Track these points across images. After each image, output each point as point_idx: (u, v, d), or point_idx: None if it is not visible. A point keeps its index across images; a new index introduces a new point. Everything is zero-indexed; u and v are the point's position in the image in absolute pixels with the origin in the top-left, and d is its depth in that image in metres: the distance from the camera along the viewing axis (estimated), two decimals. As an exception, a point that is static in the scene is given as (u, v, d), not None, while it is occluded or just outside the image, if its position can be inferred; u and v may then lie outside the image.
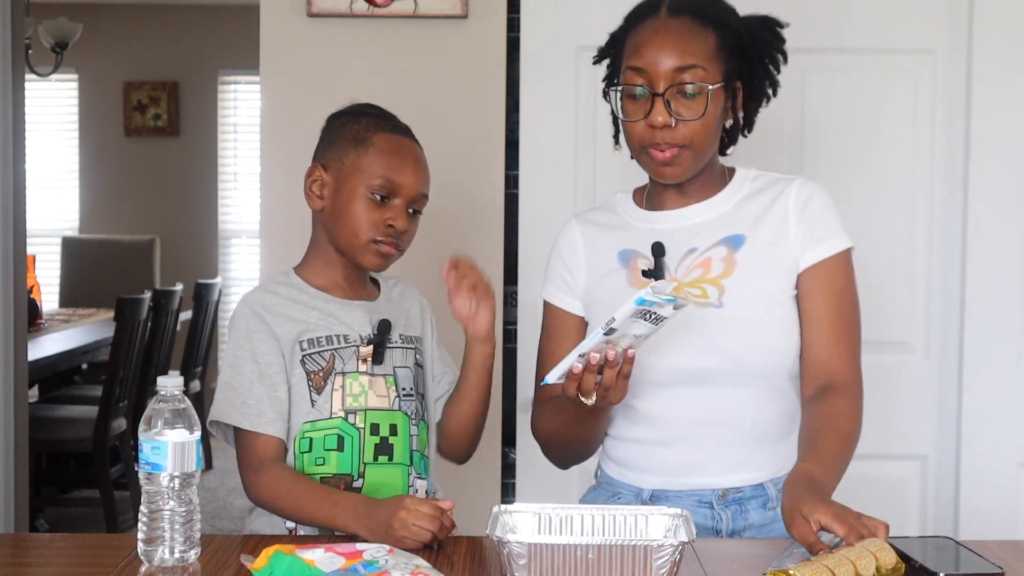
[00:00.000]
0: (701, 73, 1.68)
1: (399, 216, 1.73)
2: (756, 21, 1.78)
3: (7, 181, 2.78)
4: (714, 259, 1.73)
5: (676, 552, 1.35)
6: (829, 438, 1.66)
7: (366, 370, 1.73)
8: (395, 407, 1.74)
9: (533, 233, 2.57)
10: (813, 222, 1.74)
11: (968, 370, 2.57)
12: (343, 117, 1.81)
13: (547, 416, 1.79)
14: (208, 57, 7.22)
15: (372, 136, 1.75)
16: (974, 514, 2.56)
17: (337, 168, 1.76)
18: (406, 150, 1.77)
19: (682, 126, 1.68)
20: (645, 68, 1.69)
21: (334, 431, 1.70)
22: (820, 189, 1.78)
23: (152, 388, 4.64)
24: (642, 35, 1.72)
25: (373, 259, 1.75)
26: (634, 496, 1.77)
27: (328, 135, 1.81)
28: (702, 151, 1.72)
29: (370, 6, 2.56)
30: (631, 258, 1.78)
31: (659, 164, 1.71)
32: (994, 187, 2.55)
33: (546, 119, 2.59)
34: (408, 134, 1.80)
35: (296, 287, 1.78)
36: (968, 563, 1.46)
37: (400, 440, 1.73)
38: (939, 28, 2.57)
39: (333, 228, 1.76)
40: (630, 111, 1.72)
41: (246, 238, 7.29)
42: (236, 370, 1.71)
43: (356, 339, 1.74)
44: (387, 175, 1.73)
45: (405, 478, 1.74)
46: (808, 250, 1.73)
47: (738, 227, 1.76)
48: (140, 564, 1.46)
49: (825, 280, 1.73)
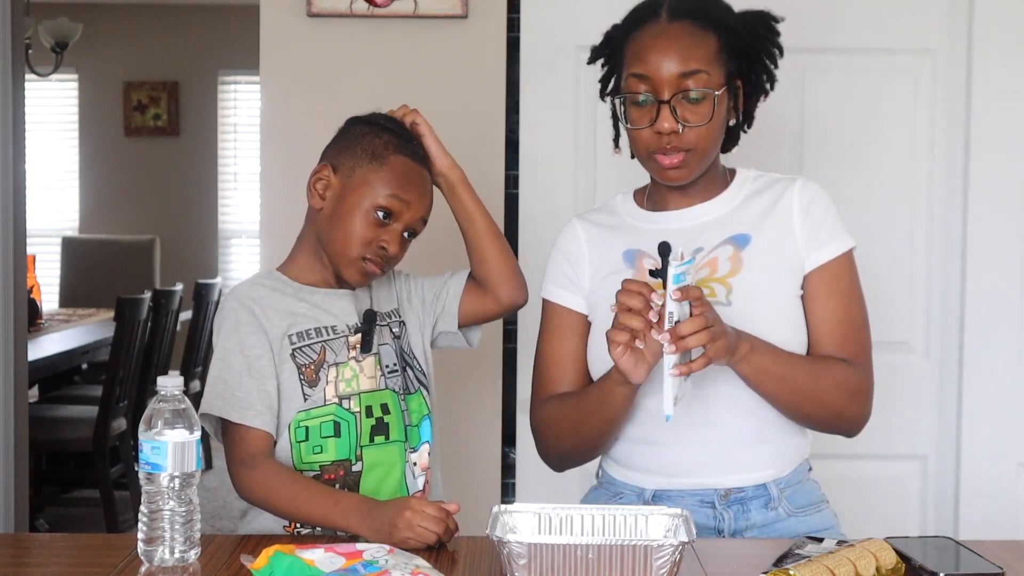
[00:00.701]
0: (705, 78, 1.68)
1: (394, 241, 1.74)
2: (752, 17, 1.78)
3: (7, 181, 2.78)
4: (720, 258, 1.74)
5: (676, 552, 1.35)
6: (805, 359, 1.71)
7: (355, 356, 1.74)
8: (382, 386, 1.75)
9: (533, 233, 2.57)
10: (818, 224, 1.75)
11: (968, 370, 2.57)
12: (365, 126, 1.79)
13: (562, 407, 1.78)
14: (208, 57, 7.22)
15: (391, 156, 1.75)
16: (974, 514, 2.56)
17: (347, 175, 1.75)
18: (418, 177, 1.77)
19: (689, 131, 1.69)
20: (649, 75, 1.69)
21: (329, 418, 1.70)
22: (821, 190, 1.79)
23: (152, 388, 4.64)
24: (643, 41, 1.71)
25: (356, 275, 1.75)
26: (636, 496, 1.77)
27: (345, 139, 1.79)
28: (708, 153, 1.73)
29: (370, 6, 2.56)
30: (636, 258, 1.78)
31: (666, 169, 1.72)
32: (994, 187, 2.56)
33: (546, 119, 2.59)
34: (424, 162, 1.81)
35: (281, 281, 1.78)
36: (968, 563, 1.46)
37: (394, 417, 1.74)
38: (939, 28, 2.57)
39: (327, 233, 1.75)
40: (635, 118, 1.72)
41: (246, 238, 7.29)
42: (225, 363, 1.71)
43: (344, 329, 1.75)
44: (394, 196, 1.73)
45: (402, 454, 1.74)
46: (813, 252, 1.75)
47: (743, 226, 1.76)
48: (140, 564, 1.46)
49: (831, 281, 1.75)
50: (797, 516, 1.75)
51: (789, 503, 1.75)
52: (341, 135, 1.81)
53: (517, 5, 2.59)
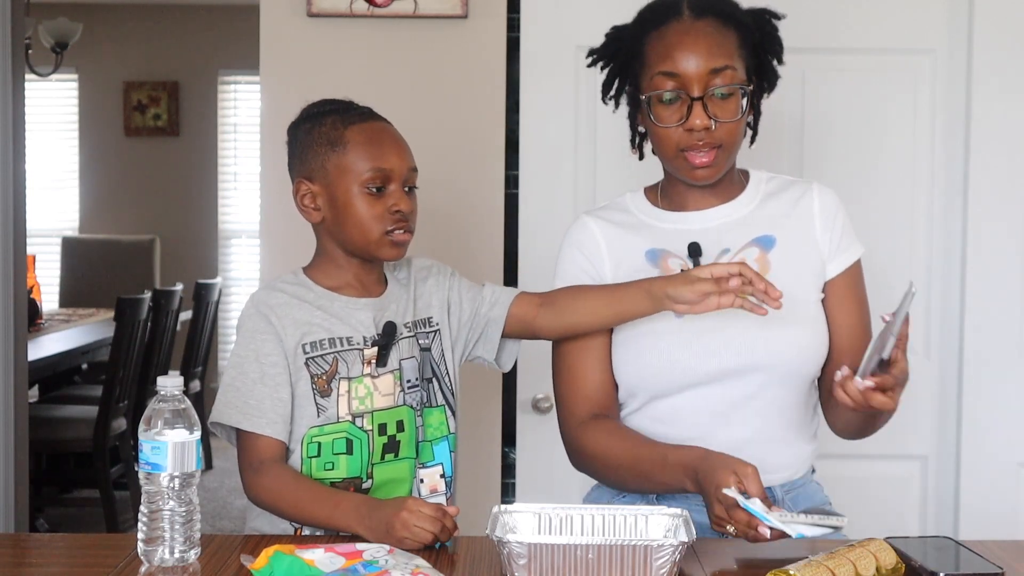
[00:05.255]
0: (731, 73, 1.69)
1: (400, 199, 1.72)
2: (757, 13, 1.79)
3: (7, 181, 2.78)
4: (748, 260, 1.74)
5: (676, 552, 1.35)
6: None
7: (370, 372, 1.72)
8: (399, 402, 1.73)
9: (533, 233, 2.57)
10: (838, 231, 1.78)
11: (968, 370, 2.57)
12: (306, 123, 1.77)
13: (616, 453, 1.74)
14: (208, 57, 7.22)
15: (343, 133, 1.72)
16: (974, 514, 2.56)
17: (322, 176, 1.73)
18: (382, 134, 1.74)
19: (720, 128, 1.69)
20: (678, 72, 1.69)
21: (342, 435, 1.69)
22: (837, 197, 1.82)
23: (152, 388, 4.64)
24: (669, 39, 1.71)
25: (391, 251, 1.73)
26: (639, 495, 1.77)
27: (297, 146, 1.77)
28: (734, 150, 1.74)
29: (370, 6, 2.56)
30: (660, 257, 1.78)
31: (696, 167, 1.71)
32: (994, 187, 2.55)
33: (546, 119, 2.59)
34: (375, 116, 1.77)
35: (304, 286, 1.76)
36: (968, 563, 1.46)
37: (407, 435, 1.73)
38: (939, 28, 2.57)
39: (341, 234, 1.74)
40: (664, 116, 1.71)
41: (246, 238, 7.29)
42: (239, 370, 1.70)
43: (360, 342, 1.72)
44: (374, 165, 1.71)
45: (411, 470, 1.74)
46: (835, 258, 1.78)
47: (765, 228, 1.78)
48: (140, 564, 1.46)
49: (850, 288, 1.79)
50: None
51: (793, 505, 1.75)
52: (292, 145, 1.79)
53: (517, 5, 2.59)
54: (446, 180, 2.54)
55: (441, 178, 2.48)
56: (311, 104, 1.80)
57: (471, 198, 2.60)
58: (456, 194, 2.57)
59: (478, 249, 2.59)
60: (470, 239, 2.59)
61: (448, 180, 2.55)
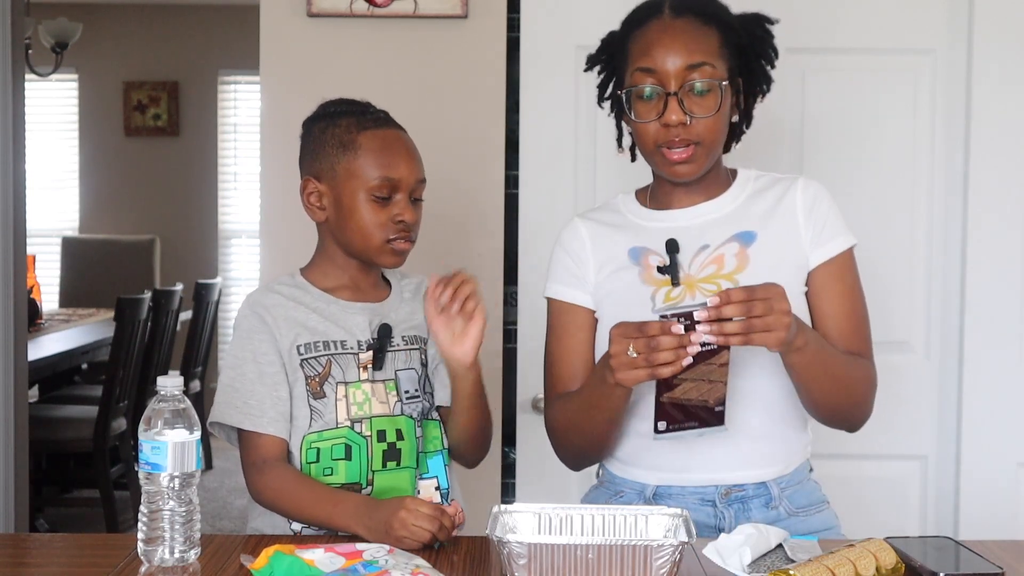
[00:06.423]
0: (710, 70, 1.70)
1: (404, 210, 1.73)
2: (748, 18, 1.80)
3: (7, 181, 2.78)
4: (727, 255, 1.75)
5: (676, 552, 1.35)
6: (840, 350, 1.73)
7: (367, 377, 1.72)
8: (397, 412, 1.73)
9: (533, 233, 2.57)
10: (821, 221, 1.78)
11: (968, 370, 2.57)
12: (321, 121, 1.78)
13: (567, 406, 1.79)
14: (208, 57, 7.22)
15: (358, 137, 1.73)
16: (974, 514, 2.56)
17: (331, 177, 1.74)
18: (395, 143, 1.75)
19: (696, 123, 1.70)
20: (655, 68, 1.71)
21: (341, 440, 1.70)
22: (823, 188, 1.82)
23: (152, 388, 4.64)
24: (648, 36, 1.73)
25: (390, 258, 1.75)
26: (637, 494, 1.77)
27: (310, 143, 1.78)
28: (714, 147, 1.75)
29: (370, 6, 2.56)
30: (642, 255, 1.79)
31: (674, 163, 1.73)
32: (994, 187, 2.55)
33: (546, 119, 2.59)
34: (390, 123, 1.78)
35: (300, 287, 1.77)
36: (968, 563, 1.46)
37: (407, 444, 1.73)
38: (939, 28, 2.57)
39: (342, 236, 1.75)
40: (642, 112, 1.73)
41: (246, 238, 7.29)
42: (237, 371, 1.71)
43: (354, 345, 1.73)
44: (383, 174, 1.72)
45: (412, 481, 1.74)
46: (817, 248, 1.77)
47: (747, 224, 1.78)
48: (140, 564, 1.46)
49: (836, 277, 1.77)
50: (798, 516, 1.75)
51: (790, 503, 1.75)
52: (305, 141, 1.80)
53: (517, 5, 2.59)
54: (446, 180, 2.54)
55: (441, 178, 2.47)
56: (329, 102, 1.81)
57: (471, 198, 2.60)
58: (456, 194, 2.57)
59: (478, 249, 2.60)
60: (470, 239, 2.59)
61: (448, 180, 2.55)
